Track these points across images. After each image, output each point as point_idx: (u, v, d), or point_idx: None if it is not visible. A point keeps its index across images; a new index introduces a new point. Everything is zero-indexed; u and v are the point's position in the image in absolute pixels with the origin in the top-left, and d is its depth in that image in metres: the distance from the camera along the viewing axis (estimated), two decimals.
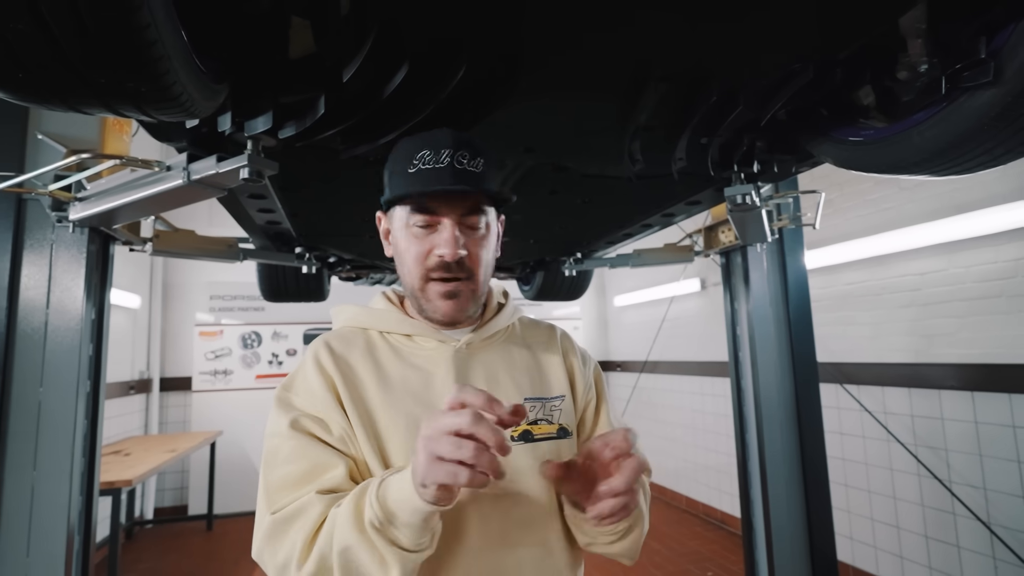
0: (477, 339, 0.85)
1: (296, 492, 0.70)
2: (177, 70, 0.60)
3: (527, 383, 0.85)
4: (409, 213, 0.78)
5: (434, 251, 0.77)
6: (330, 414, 0.75)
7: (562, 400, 0.87)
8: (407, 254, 0.79)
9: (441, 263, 0.76)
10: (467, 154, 0.76)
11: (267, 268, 2.60)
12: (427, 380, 0.80)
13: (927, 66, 0.95)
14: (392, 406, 0.77)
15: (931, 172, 1.05)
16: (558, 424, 0.84)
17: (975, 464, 2.34)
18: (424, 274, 0.78)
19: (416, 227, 0.77)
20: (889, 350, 2.73)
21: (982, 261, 2.33)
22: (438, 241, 0.76)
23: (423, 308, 0.81)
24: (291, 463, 0.72)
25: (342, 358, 0.80)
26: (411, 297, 0.83)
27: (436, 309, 0.80)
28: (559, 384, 0.88)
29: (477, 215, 0.78)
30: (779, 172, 1.45)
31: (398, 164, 0.78)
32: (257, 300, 4.91)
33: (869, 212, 2.84)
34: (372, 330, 0.86)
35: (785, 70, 0.99)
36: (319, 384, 0.77)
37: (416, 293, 0.81)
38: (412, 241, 0.78)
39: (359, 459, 0.74)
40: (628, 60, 0.92)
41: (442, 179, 0.74)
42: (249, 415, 4.81)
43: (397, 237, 0.81)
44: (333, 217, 1.82)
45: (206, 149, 1.10)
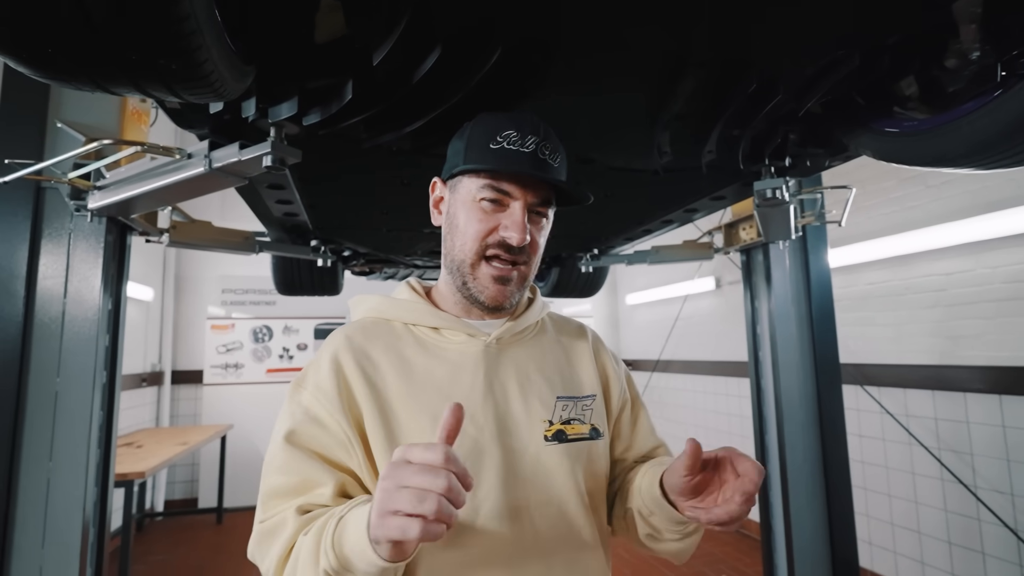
0: (508, 334, 0.81)
1: (281, 505, 0.70)
2: (210, 47, 0.57)
3: (559, 381, 0.82)
4: (480, 187, 0.74)
5: (499, 231, 0.74)
6: (334, 416, 0.72)
7: (593, 400, 0.84)
8: (467, 227, 0.75)
9: (504, 244, 0.74)
10: (550, 146, 0.75)
11: (282, 261, 2.59)
12: (455, 375, 0.76)
13: (979, 53, 0.91)
14: (415, 401, 0.73)
15: (978, 165, 1.01)
16: (590, 424, 0.81)
17: (1002, 469, 2.28)
18: (481, 251, 0.75)
19: (485, 202, 0.74)
20: (912, 351, 2.67)
21: (1011, 261, 2.27)
22: (507, 222, 0.73)
23: (467, 287, 0.77)
24: (282, 474, 0.71)
25: (362, 351, 0.77)
26: (454, 273, 0.78)
27: (483, 290, 0.76)
28: (590, 383, 0.85)
29: (547, 207, 0.77)
30: (811, 166, 1.41)
31: (477, 136, 0.75)
32: (268, 294, 4.91)
33: (892, 210, 2.78)
34: (396, 321, 0.82)
35: (830, 57, 0.95)
36: (330, 383, 0.74)
37: (464, 269, 0.76)
38: (476, 215, 0.74)
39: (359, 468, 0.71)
40: (669, 45, 0.89)
41: (523, 164, 0.72)
42: (259, 409, 4.81)
43: (457, 209, 0.77)
44: (351, 209, 1.80)
45: (228, 137, 1.08)
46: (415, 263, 2.69)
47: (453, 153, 0.79)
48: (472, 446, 0.72)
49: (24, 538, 1.33)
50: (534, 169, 0.72)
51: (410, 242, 2.22)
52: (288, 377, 4.94)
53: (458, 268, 0.77)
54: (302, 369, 0.80)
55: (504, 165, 0.72)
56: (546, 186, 0.75)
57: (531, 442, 0.75)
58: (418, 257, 2.51)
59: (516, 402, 0.77)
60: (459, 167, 0.76)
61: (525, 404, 0.77)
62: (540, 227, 0.78)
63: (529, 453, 0.74)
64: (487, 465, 0.71)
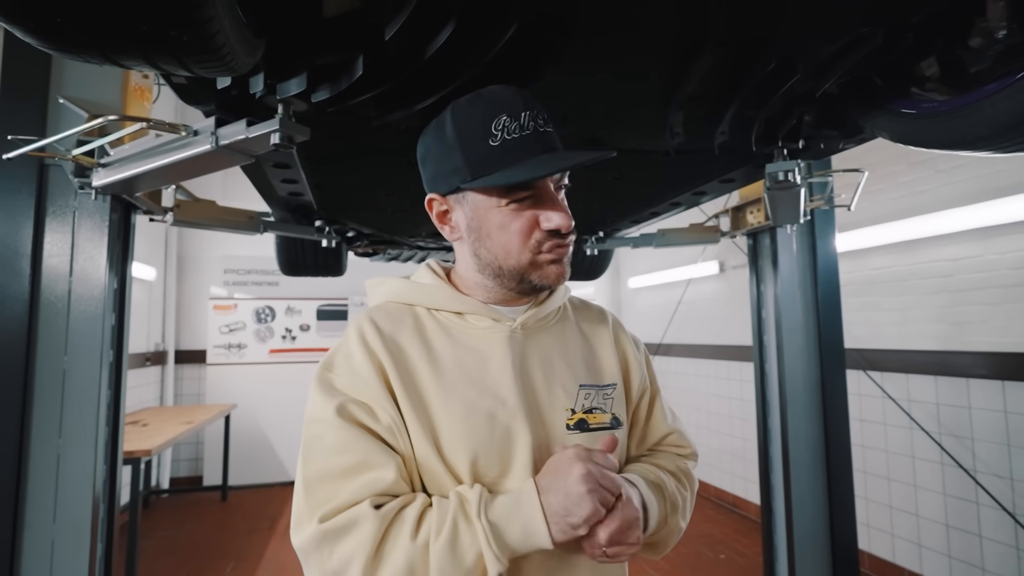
0: (532, 320, 0.79)
1: (339, 490, 0.64)
2: (222, 18, 0.55)
3: (582, 369, 0.81)
4: (501, 192, 0.70)
5: (542, 223, 0.71)
6: (378, 400, 0.69)
7: (614, 388, 0.82)
8: (507, 229, 0.71)
9: (555, 233, 0.71)
10: (541, 113, 0.71)
11: (286, 241, 2.58)
12: (482, 363, 0.74)
13: (1006, 31, 0.89)
14: (447, 391, 0.71)
15: (999, 148, 0.99)
16: (611, 413, 0.80)
17: (1002, 454, 2.30)
18: (534, 250, 0.72)
19: (514, 204, 0.70)
20: (916, 337, 2.67)
21: (1019, 247, 2.26)
22: (547, 213, 0.70)
23: (526, 281, 0.74)
24: (336, 455, 0.66)
25: (390, 337, 0.73)
26: (502, 277, 0.74)
27: (546, 276, 0.74)
28: (611, 371, 0.84)
29: (566, 177, 0.75)
30: (825, 148, 1.39)
31: (467, 135, 0.69)
32: (271, 275, 4.91)
33: (901, 195, 2.76)
34: (419, 307, 0.79)
35: (852, 35, 0.93)
36: (365, 366, 0.71)
37: (522, 269, 0.73)
38: (510, 219, 0.71)
39: (406, 454, 0.69)
40: (687, 22, 0.86)
41: (534, 149, 0.68)
42: (263, 389, 4.84)
43: (481, 220, 0.72)
44: (357, 190, 1.78)
45: (234, 113, 1.06)
46: (419, 244, 2.68)
47: (441, 159, 0.73)
48: (504, 433, 0.70)
49: (35, 514, 1.34)
50: (549, 153, 0.69)
51: (415, 223, 2.20)
52: (291, 358, 4.96)
53: (509, 272, 0.74)
54: (326, 357, 0.75)
55: (522, 173, 0.67)
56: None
57: (554, 430, 0.74)
58: (422, 239, 2.50)
59: (541, 390, 0.75)
60: (467, 184, 0.70)
61: (549, 392, 0.76)
62: (564, 193, 0.76)
63: (553, 442, 0.74)
64: (519, 452, 0.70)
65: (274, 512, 4.06)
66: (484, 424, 0.70)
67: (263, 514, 4.03)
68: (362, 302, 5.19)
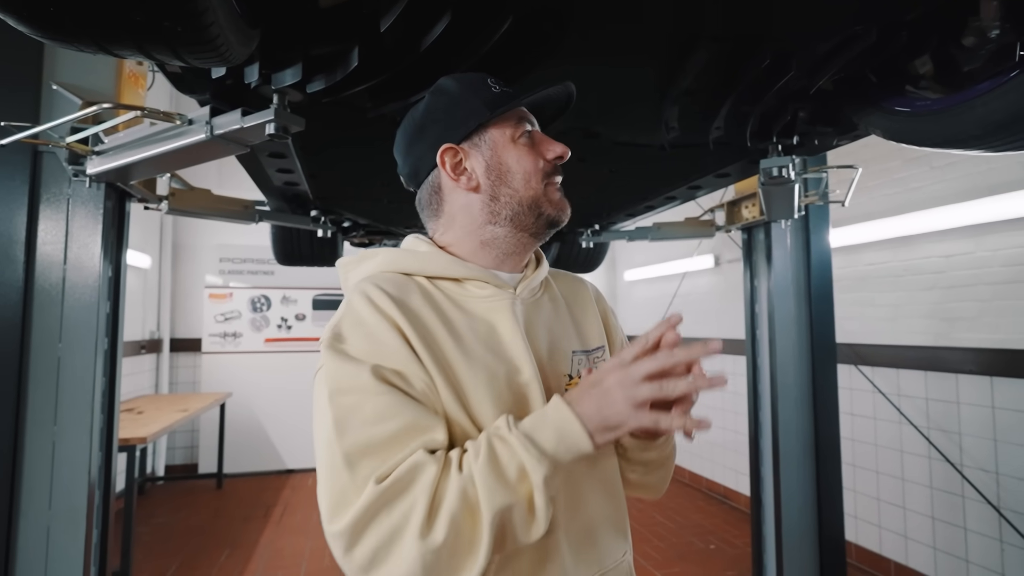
0: (526, 289, 0.79)
1: (391, 455, 0.59)
2: (216, 9, 0.56)
3: (573, 336, 0.82)
4: (514, 128, 0.77)
5: (546, 153, 0.78)
6: (407, 365, 0.64)
7: (603, 351, 0.85)
8: (524, 162, 0.77)
9: (557, 160, 0.79)
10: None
11: (281, 231, 2.57)
12: (492, 331, 0.73)
13: (998, 31, 0.89)
14: (468, 357, 0.69)
15: (991, 147, 1.00)
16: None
17: (989, 448, 2.33)
18: (545, 175, 0.78)
19: (524, 137, 0.77)
20: (907, 332, 2.70)
21: (1010, 245, 2.28)
22: (547, 145, 0.78)
23: (543, 215, 0.77)
24: (380, 423, 0.60)
25: (401, 301, 0.69)
26: (522, 214, 0.76)
27: (558, 206, 0.79)
28: (598, 335, 0.86)
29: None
30: (819, 145, 1.40)
31: (473, 93, 0.76)
32: (267, 264, 4.90)
33: (895, 191, 2.77)
34: (418, 276, 0.76)
35: (846, 32, 0.93)
36: (383, 329, 0.66)
37: (538, 199, 0.77)
38: (525, 151, 0.77)
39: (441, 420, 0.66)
40: (685, 16, 0.87)
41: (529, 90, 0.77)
42: (258, 378, 4.85)
43: (498, 158, 0.76)
44: (352, 180, 1.78)
45: (229, 103, 1.06)
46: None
47: (450, 112, 0.77)
48: (524, 400, 0.70)
49: (31, 500, 1.35)
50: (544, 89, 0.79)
51: (411, 214, 2.20)
52: (287, 347, 4.96)
53: (528, 205, 0.76)
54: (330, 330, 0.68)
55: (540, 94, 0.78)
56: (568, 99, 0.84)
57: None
58: (418, 229, 2.50)
59: (545, 358, 0.76)
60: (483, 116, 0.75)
61: (551, 360, 0.77)
62: None
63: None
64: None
65: (269, 500, 4.09)
66: (506, 391, 0.69)
67: (258, 502, 4.05)
68: None
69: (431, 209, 0.82)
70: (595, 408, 0.62)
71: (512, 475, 0.59)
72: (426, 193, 0.82)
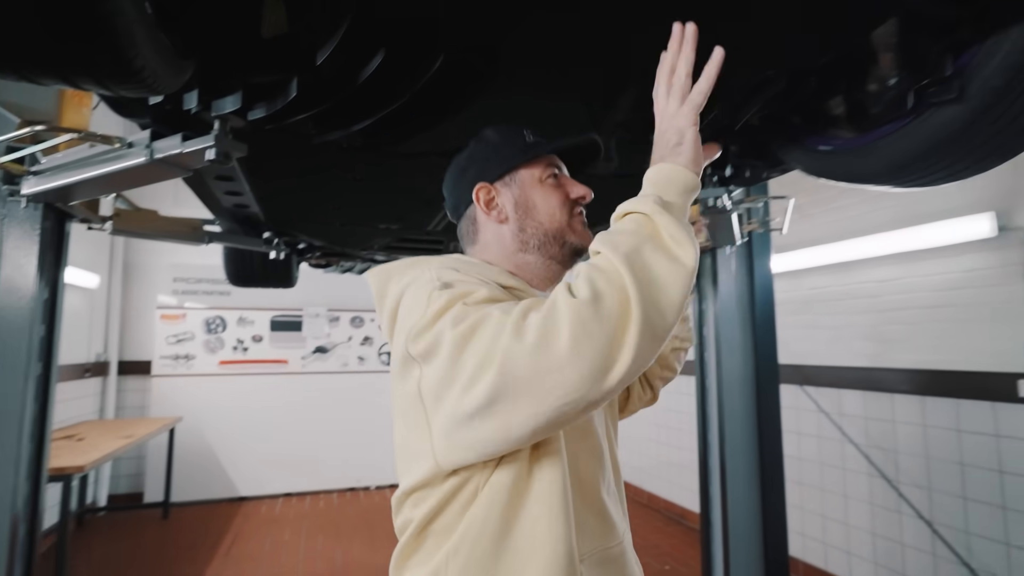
0: None
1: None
2: (140, 43, 0.57)
3: None
4: (542, 170, 0.87)
5: (571, 193, 0.88)
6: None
7: None
8: (550, 200, 0.87)
9: (581, 201, 0.89)
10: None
11: (233, 252, 2.54)
12: None
13: (896, 80, 0.98)
14: None
15: (895, 184, 1.08)
16: None
17: (922, 466, 2.44)
18: (569, 210, 0.88)
19: (551, 179, 0.87)
20: (848, 354, 2.82)
21: (937, 271, 2.43)
22: (572, 187, 0.89)
23: (568, 244, 0.87)
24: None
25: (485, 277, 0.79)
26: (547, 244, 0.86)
27: (581, 236, 0.88)
28: None
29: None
30: (751, 176, 1.48)
31: (508, 142, 0.88)
32: (223, 284, 4.78)
33: (835, 219, 2.92)
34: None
35: (760, 76, 1.00)
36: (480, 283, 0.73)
37: (562, 231, 0.86)
38: (551, 191, 0.87)
39: None
40: (610, 57, 0.92)
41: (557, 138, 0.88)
42: (211, 402, 4.69)
43: (526, 196, 0.87)
44: (305, 203, 1.78)
45: (171, 127, 1.06)
46: (375, 258, 2.68)
47: (489, 156, 0.89)
48: None
49: None
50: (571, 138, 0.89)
51: (366, 237, 2.21)
52: (242, 369, 4.83)
53: (553, 236, 0.86)
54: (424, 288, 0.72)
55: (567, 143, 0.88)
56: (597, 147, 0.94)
57: None
58: (375, 252, 2.50)
59: None
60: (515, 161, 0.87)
61: None
62: None
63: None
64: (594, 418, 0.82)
65: (219, 529, 3.93)
66: None
67: (206, 531, 3.89)
68: (317, 313, 5.12)
69: (468, 238, 0.92)
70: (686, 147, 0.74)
71: (627, 226, 0.67)
72: (464, 224, 0.92)
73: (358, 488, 5.00)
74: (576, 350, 0.57)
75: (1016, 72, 0.81)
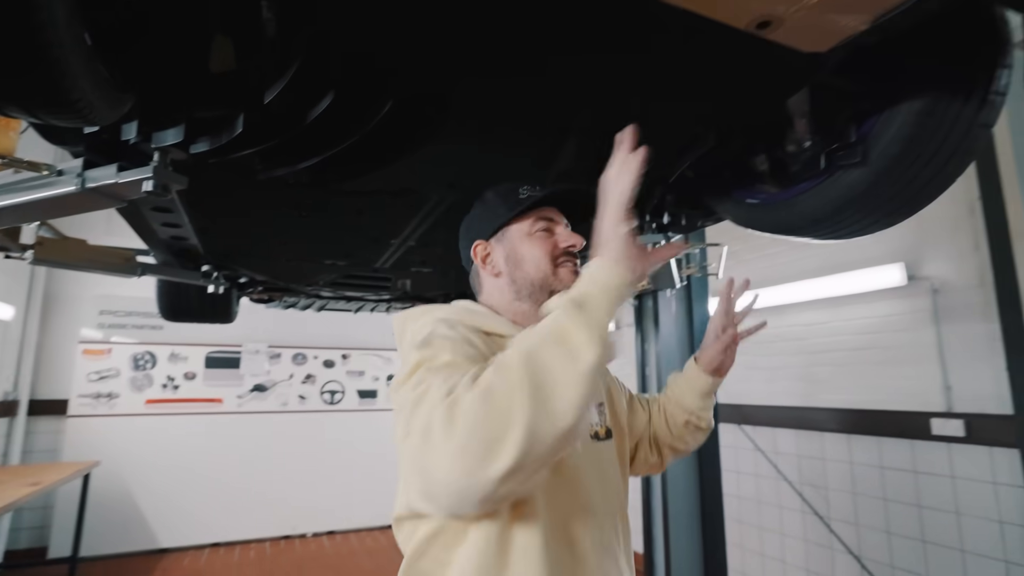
0: None
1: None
2: (77, 75, 0.56)
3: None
4: (531, 224, 0.93)
5: (560, 244, 0.92)
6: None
7: (602, 406, 0.99)
8: (536, 251, 0.91)
9: (570, 252, 0.92)
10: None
11: (168, 285, 2.43)
12: None
13: (809, 143, 1.08)
14: None
15: (813, 236, 1.18)
16: (605, 426, 0.96)
17: (850, 501, 2.55)
18: (554, 262, 0.91)
19: (539, 232, 0.93)
20: (782, 394, 2.95)
21: (858, 316, 2.61)
22: (563, 237, 0.93)
23: (554, 291, 0.89)
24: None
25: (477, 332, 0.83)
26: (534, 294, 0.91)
27: (562, 279, 0.91)
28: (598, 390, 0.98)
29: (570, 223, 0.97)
30: (686, 224, 1.56)
31: (501, 200, 0.95)
32: (154, 317, 4.50)
33: (767, 265, 3.10)
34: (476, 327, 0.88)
35: (691, 135, 1.08)
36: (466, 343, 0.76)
37: (548, 279, 0.91)
38: (538, 243, 0.92)
39: None
40: (551, 112, 0.97)
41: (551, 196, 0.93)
42: (134, 444, 4.36)
43: (514, 249, 0.93)
44: (246, 237, 1.74)
45: (106, 156, 1.03)
46: (319, 293, 2.62)
47: (485, 216, 0.97)
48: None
49: None
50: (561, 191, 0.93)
51: (311, 272, 2.17)
52: (171, 409, 4.53)
53: (540, 285, 0.91)
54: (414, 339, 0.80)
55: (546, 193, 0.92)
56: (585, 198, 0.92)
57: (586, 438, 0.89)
58: (320, 288, 2.45)
59: None
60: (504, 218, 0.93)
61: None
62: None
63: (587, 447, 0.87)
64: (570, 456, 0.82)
65: None
66: None
67: None
68: (257, 349, 4.91)
69: (476, 289, 1.00)
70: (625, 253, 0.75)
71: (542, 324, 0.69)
72: (472, 277, 1.01)
73: (293, 536, 4.72)
74: (458, 443, 0.59)
75: (909, 141, 0.92)
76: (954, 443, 2.19)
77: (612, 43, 0.79)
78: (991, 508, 2.07)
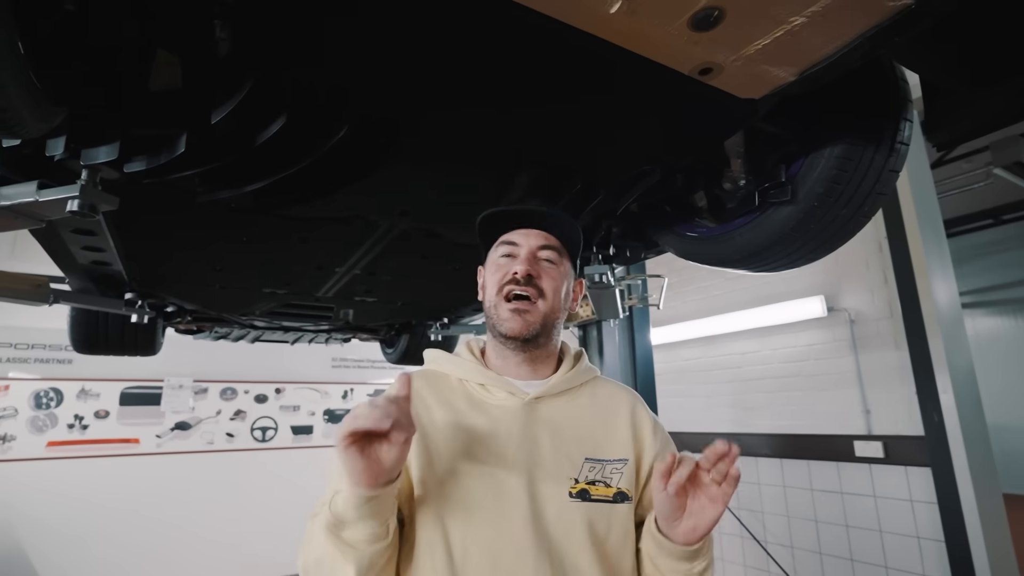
0: (547, 393, 0.87)
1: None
2: (4, 83, 0.52)
3: (590, 442, 0.85)
4: (496, 248, 0.90)
5: (509, 271, 0.86)
6: None
7: (624, 464, 0.85)
8: (489, 280, 0.89)
9: (513, 279, 0.85)
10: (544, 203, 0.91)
11: (84, 314, 2.23)
12: (494, 426, 0.83)
13: (744, 181, 1.16)
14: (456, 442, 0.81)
15: (749, 268, 1.25)
16: (617, 488, 0.83)
17: (784, 524, 2.65)
18: (499, 290, 0.87)
19: (502, 258, 0.89)
20: (718, 420, 3.06)
21: (785, 345, 2.76)
22: (515, 263, 0.87)
23: (496, 327, 0.86)
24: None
25: (419, 395, 0.86)
26: (489, 326, 0.89)
27: (504, 322, 0.85)
28: (623, 447, 0.86)
29: (553, 252, 0.90)
30: (631, 256, 1.62)
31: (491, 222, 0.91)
32: (62, 350, 4.15)
33: (702, 297, 3.25)
34: (452, 376, 0.91)
35: (637, 171, 1.14)
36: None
37: (491, 312, 0.88)
38: (494, 269, 0.89)
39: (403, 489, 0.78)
40: (505, 144, 0.99)
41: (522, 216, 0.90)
42: (31, 493, 3.90)
43: (486, 273, 0.91)
44: (180, 263, 1.64)
45: (24, 173, 0.95)
46: (254, 323, 2.49)
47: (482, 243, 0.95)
48: (499, 488, 0.78)
49: None
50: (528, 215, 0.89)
51: (247, 301, 2.06)
52: (78, 451, 4.12)
53: (489, 316, 0.88)
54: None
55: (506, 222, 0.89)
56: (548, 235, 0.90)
57: (556, 496, 0.80)
58: (256, 317, 2.33)
59: (547, 456, 0.82)
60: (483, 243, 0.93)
61: (555, 459, 0.82)
62: (549, 271, 0.89)
63: (553, 506, 0.79)
64: (512, 506, 0.77)
65: None
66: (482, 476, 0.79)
67: None
68: (181, 384, 4.58)
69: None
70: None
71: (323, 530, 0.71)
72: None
73: None
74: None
75: (832, 182, 1.00)
76: (875, 464, 2.34)
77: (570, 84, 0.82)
78: (909, 525, 2.21)
